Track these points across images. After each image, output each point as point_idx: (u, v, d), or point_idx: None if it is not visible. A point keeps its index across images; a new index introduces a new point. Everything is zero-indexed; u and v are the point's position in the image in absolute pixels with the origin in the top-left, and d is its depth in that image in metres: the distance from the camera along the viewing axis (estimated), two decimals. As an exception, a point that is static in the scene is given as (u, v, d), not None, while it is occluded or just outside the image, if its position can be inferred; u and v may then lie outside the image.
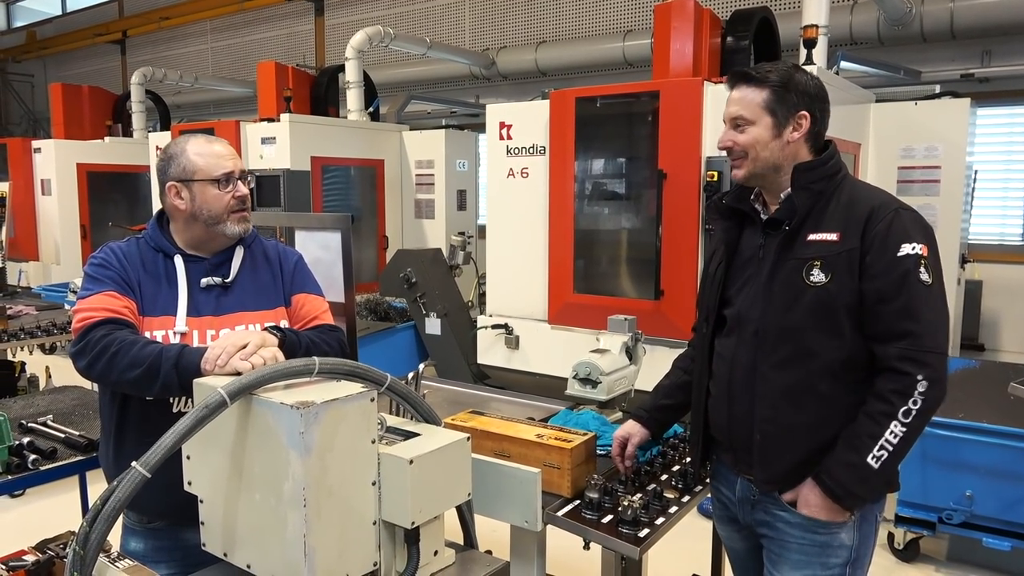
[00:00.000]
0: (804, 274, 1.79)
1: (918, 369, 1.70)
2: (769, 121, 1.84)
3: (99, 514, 1.28)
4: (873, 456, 1.72)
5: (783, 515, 1.89)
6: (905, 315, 1.72)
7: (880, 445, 1.72)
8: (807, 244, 1.81)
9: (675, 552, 3.00)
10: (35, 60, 16.69)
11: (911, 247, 1.74)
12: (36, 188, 9.19)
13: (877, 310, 1.75)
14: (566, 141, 5.06)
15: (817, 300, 1.78)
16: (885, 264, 1.74)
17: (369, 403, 1.42)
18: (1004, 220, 7.11)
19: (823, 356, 1.79)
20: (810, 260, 1.79)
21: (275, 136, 6.62)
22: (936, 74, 6.76)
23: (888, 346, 1.73)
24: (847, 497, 1.78)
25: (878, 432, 1.72)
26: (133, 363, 1.68)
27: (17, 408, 3.11)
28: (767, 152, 1.85)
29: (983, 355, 6.70)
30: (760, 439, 1.87)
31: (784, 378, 1.83)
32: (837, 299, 1.76)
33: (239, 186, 1.93)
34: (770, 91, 1.83)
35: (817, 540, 1.84)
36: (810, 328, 1.79)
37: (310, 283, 2.10)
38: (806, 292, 1.79)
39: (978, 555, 3.74)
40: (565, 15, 9.27)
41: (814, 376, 1.80)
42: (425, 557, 1.50)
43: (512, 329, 5.44)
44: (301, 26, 12.01)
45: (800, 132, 1.84)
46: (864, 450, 1.73)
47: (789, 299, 1.81)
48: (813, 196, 1.82)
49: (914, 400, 1.70)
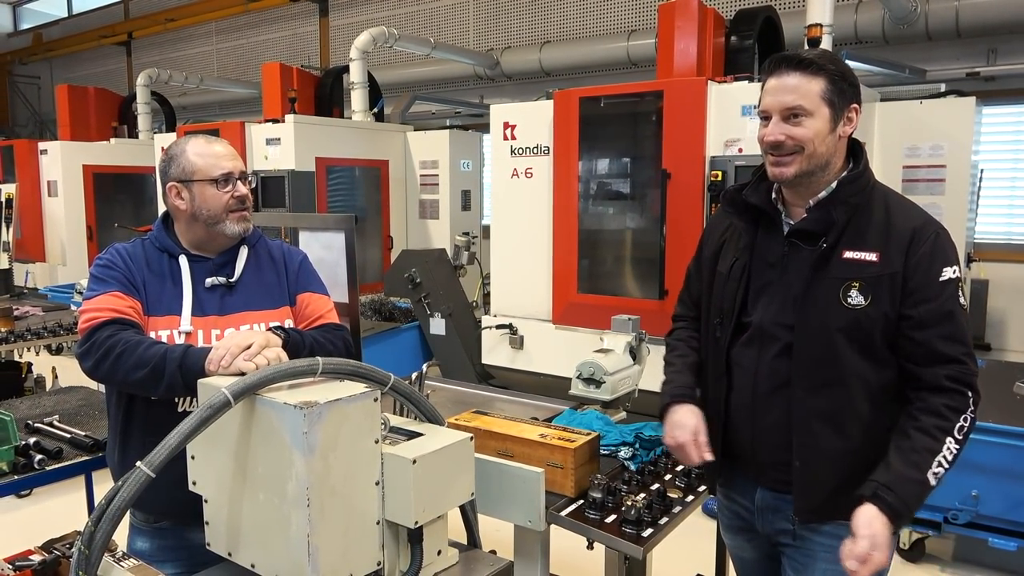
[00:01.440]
0: (842, 295, 1.71)
1: (969, 390, 1.69)
2: (827, 113, 1.69)
3: (104, 514, 1.29)
4: (932, 472, 1.66)
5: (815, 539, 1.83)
6: (952, 340, 1.69)
7: (938, 461, 1.66)
8: (843, 262, 1.72)
9: (679, 552, 3.00)
10: (41, 62, 16.75)
11: (952, 271, 1.71)
12: (42, 189, 9.22)
13: (918, 335, 1.69)
14: (570, 141, 5.06)
15: (856, 323, 1.71)
16: (931, 290, 1.69)
17: (372, 403, 1.43)
18: (1010, 219, 7.07)
19: (862, 379, 1.73)
20: (848, 281, 1.71)
21: (280, 137, 6.63)
22: (941, 73, 6.74)
23: (936, 368, 1.69)
24: (906, 515, 1.67)
25: (936, 448, 1.67)
26: (138, 364, 1.69)
27: (24, 408, 3.13)
28: (824, 147, 1.71)
29: (989, 355, 6.67)
30: (800, 465, 1.78)
31: (822, 402, 1.75)
32: (877, 322, 1.70)
33: (238, 186, 1.93)
34: (828, 80, 1.68)
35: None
36: (848, 351, 1.72)
37: (315, 282, 2.11)
38: (844, 314, 1.71)
39: (984, 555, 3.72)
40: (569, 15, 9.27)
41: (854, 400, 1.74)
42: (428, 557, 1.51)
43: (516, 329, 5.44)
44: (306, 27, 12.02)
45: (851, 127, 1.73)
46: (924, 466, 1.66)
47: (825, 320, 1.72)
48: (851, 210, 1.74)
49: (966, 418, 1.69)
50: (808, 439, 1.76)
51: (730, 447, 1.92)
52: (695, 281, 2.11)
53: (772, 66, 1.74)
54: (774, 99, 1.72)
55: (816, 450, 1.76)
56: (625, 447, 2.33)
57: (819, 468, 1.77)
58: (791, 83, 1.69)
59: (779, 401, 1.80)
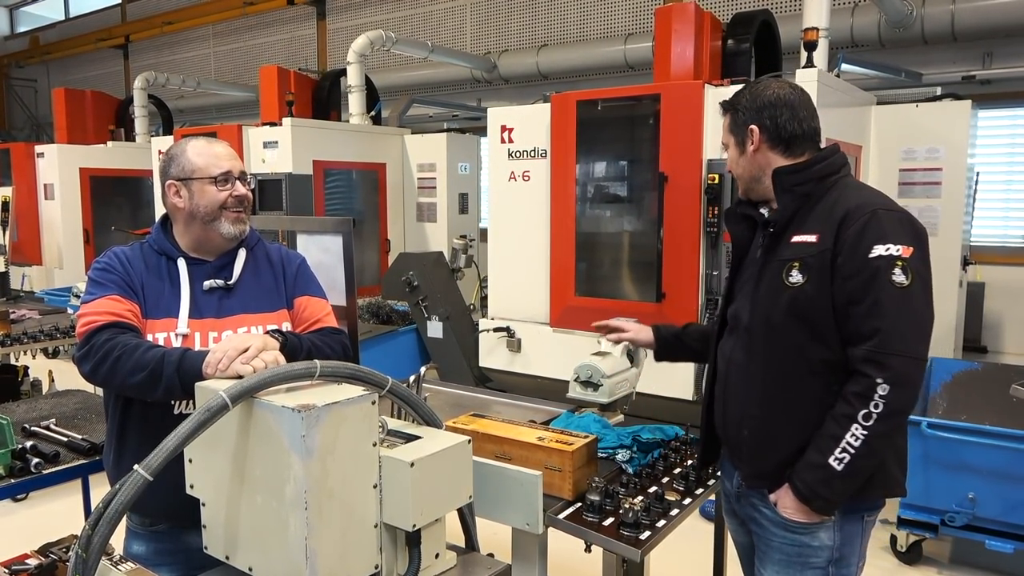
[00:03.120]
0: (784, 275, 1.83)
1: (878, 372, 1.70)
2: (733, 140, 1.98)
3: (101, 517, 1.29)
4: (835, 458, 1.74)
5: (766, 512, 1.93)
6: (871, 316, 1.73)
7: (842, 447, 1.73)
8: (789, 245, 1.85)
9: (677, 554, 3.00)
10: (38, 65, 16.73)
11: (885, 248, 1.73)
12: (39, 193, 9.20)
13: (847, 311, 1.76)
14: (568, 144, 5.07)
15: (794, 301, 1.81)
16: (856, 265, 1.75)
17: (370, 406, 1.43)
18: (1006, 222, 7.10)
19: (805, 356, 1.82)
20: (790, 261, 1.83)
21: (277, 140, 6.63)
22: (937, 76, 6.76)
23: (856, 348, 1.75)
24: (814, 499, 1.79)
25: (840, 434, 1.74)
26: (136, 367, 1.69)
27: (20, 412, 3.12)
28: (740, 168, 1.98)
29: (985, 357, 6.69)
30: (747, 435, 1.92)
31: (769, 377, 1.87)
32: (815, 300, 1.79)
33: (237, 186, 1.94)
34: (729, 115, 1.99)
35: (797, 540, 1.87)
36: (790, 328, 1.82)
37: (313, 286, 2.11)
38: (785, 293, 1.83)
39: (981, 557, 3.73)
40: (566, 19, 9.29)
41: (797, 376, 1.83)
42: (426, 560, 1.50)
43: (514, 332, 5.44)
44: (303, 30, 12.03)
45: (754, 144, 1.92)
46: (827, 452, 1.75)
47: (771, 299, 1.86)
48: (798, 199, 1.87)
49: (875, 403, 1.70)
50: (755, 410, 1.90)
51: (713, 430, 2.09)
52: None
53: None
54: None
55: (760, 420, 1.89)
56: (623, 450, 2.33)
57: (761, 438, 1.90)
58: (722, 123, 2.04)
59: (739, 382, 1.94)
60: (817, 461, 1.77)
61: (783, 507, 1.86)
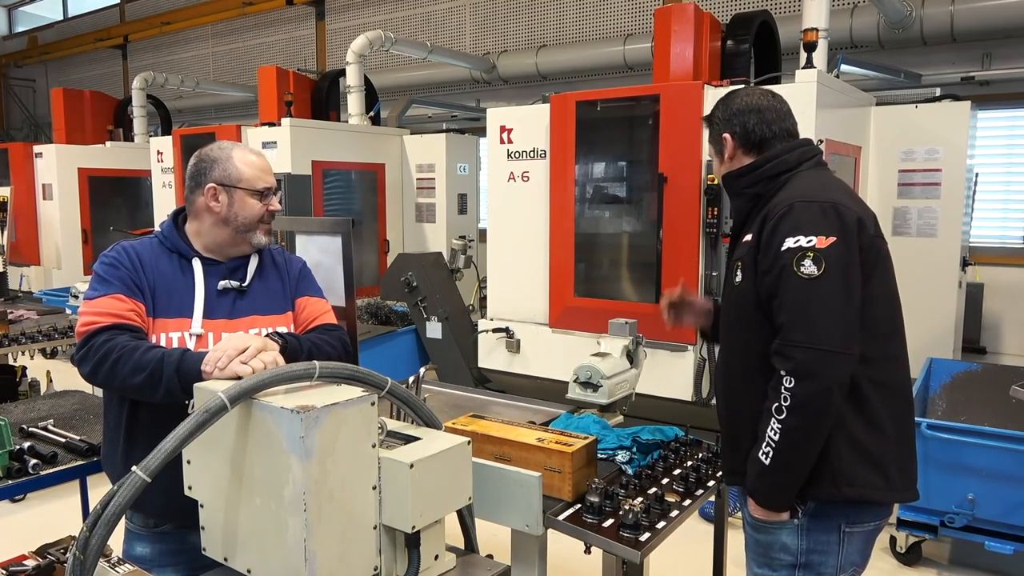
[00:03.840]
0: (732, 275, 1.93)
1: (783, 364, 1.72)
2: (714, 151, 2.07)
3: (99, 519, 1.28)
4: (762, 452, 1.78)
5: (744, 511, 1.97)
6: (780, 309, 1.75)
7: (766, 441, 1.76)
8: (740, 246, 1.93)
9: (676, 556, 3.00)
10: (37, 65, 16.70)
11: (794, 240, 1.74)
12: (38, 193, 9.19)
13: (770, 306, 1.80)
14: (567, 145, 5.06)
15: (736, 298, 1.90)
16: (770, 260, 1.78)
17: (370, 407, 1.42)
18: (1005, 223, 7.10)
19: (750, 350, 1.86)
20: (737, 261, 1.92)
21: (276, 140, 6.62)
22: (936, 77, 6.76)
23: (775, 342, 1.78)
24: (754, 493, 1.84)
25: (764, 428, 1.78)
26: (136, 369, 1.69)
27: (18, 413, 3.12)
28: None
29: (984, 358, 6.68)
30: (721, 432, 2.02)
31: (727, 374, 1.97)
32: (747, 297, 1.86)
33: (272, 200, 2.00)
34: (709, 128, 2.07)
35: (759, 539, 1.91)
36: (738, 325, 1.91)
37: (313, 287, 2.15)
38: (732, 292, 1.92)
39: (981, 559, 3.73)
40: (566, 19, 9.28)
41: (745, 372, 1.88)
42: (426, 561, 1.50)
43: (513, 333, 5.44)
44: (302, 30, 12.02)
45: (728, 151, 1.99)
46: (758, 446, 1.79)
47: (726, 299, 1.99)
48: (749, 200, 1.94)
49: (784, 396, 1.71)
50: (721, 407, 2.00)
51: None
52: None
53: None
54: None
55: (729, 416, 1.96)
56: (623, 451, 2.33)
57: (728, 435, 1.98)
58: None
59: (717, 380, 2.06)
60: (753, 455, 1.81)
61: (749, 504, 1.92)
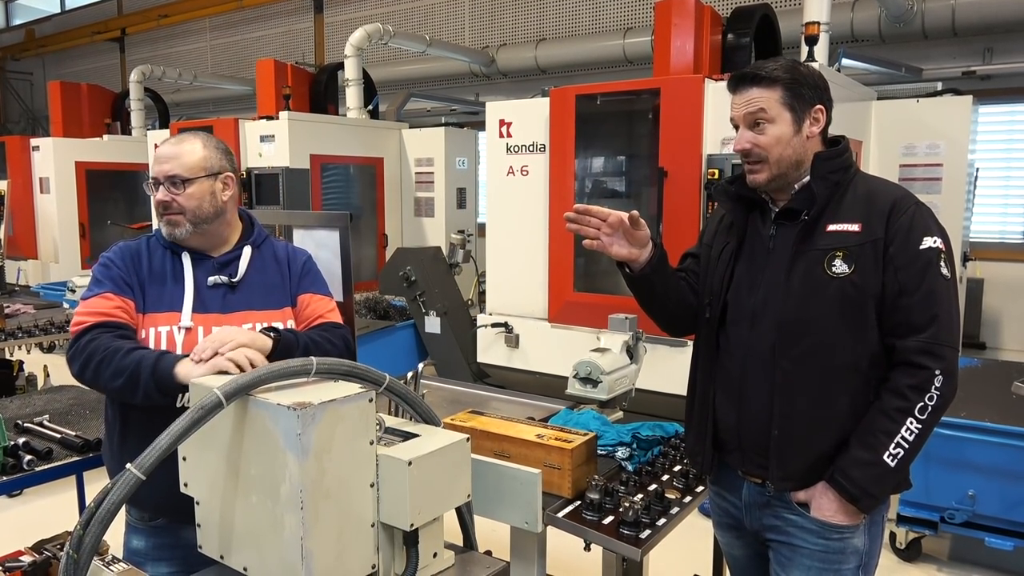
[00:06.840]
0: (826, 265, 1.75)
1: (936, 363, 1.68)
2: (789, 117, 1.79)
3: (93, 516, 1.27)
4: (889, 454, 1.69)
5: (795, 519, 1.83)
6: (925, 308, 1.70)
7: (896, 443, 1.69)
8: (827, 235, 1.78)
9: (676, 553, 2.99)
10: (34, 58, 16.65)
11: (932, 241, 1.74)
12: (35, 186, 9.16)
13: (898, 303, 1.72)
14: (566, 139, 5.04)
15: (841, 291, 1.74)
16: (909, 256, 1.72)
17: (367, 404, 1.40)
18: (1005, 218, 7.10)
19: (847, 349, 1.75)
20: (831, 251, 1.76)
21: (274, 134, 6.60)
22: (938, 71, 6.75)
23: (907, 340, 1.71)
24: (863, 498, 1.73)
25: (894, 429, 1.69)
26: (116, 372, 1.71)
27: (13, 408, 3.10)
28: (789, 150, 1.80)
29: (984, 354, 6.68)
30: (778, 434, 1.80)
31: (805, 372, 1.77)
32: (864, 290, 1.73)
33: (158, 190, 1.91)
34: (783, 88, 1.78)
35: (831, 547, 1.79)
36: (833, 320, 1.75)
37: (317, 283, 2.11)
38: (829, 283, 1.75)
39: (980, 555, 3.72)
40: (565, 12, 9.25)
41: (838, 370, 1.76)
42: (424, 559, 1.49)
43: (512, 328, 5.42)
44: (300, 24, 11.98)
45: (819, 126, 1.82)
46: (880, 448, 1.70)
47: (809, 290, 1.77)
48: (831, 186, 1.81)
49: (931, 396, 1.68)
50: (788, 408, 1.79)
51: (718, 434, 1.95)
52: (691, 259, 2.13)
53: (734, 83, 1.86)
54: (739, 110, 1.83)
55: (794, 419, 1.79)
56: (622, 447, 2.31)
57: (796, 437, 1.79)
58: (753, 95, 1.81)
59: (764, 380, 1.82)
60: (867, 458, 1.70)
61: (820, 509, 1.78)
